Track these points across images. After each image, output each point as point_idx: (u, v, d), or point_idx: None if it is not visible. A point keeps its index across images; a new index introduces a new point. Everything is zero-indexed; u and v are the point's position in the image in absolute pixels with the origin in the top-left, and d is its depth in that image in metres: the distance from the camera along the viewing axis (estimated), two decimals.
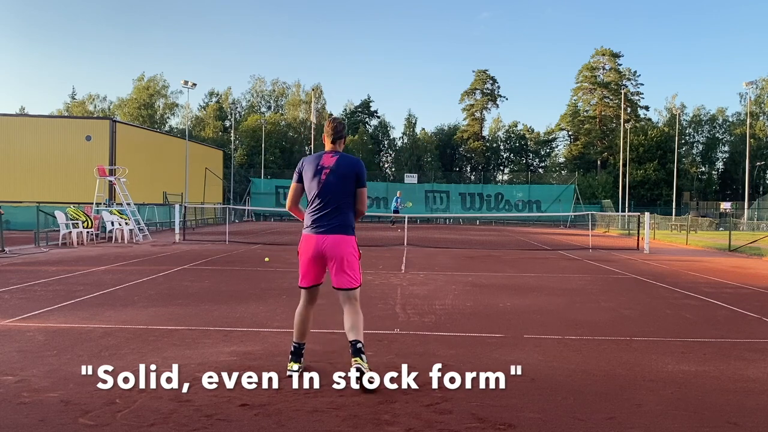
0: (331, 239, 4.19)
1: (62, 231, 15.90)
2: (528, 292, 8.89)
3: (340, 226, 4.22)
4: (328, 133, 4.40)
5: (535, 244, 21.20)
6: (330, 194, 4.22)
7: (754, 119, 55.84)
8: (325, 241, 4.19)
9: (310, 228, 4.27)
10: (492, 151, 65.88)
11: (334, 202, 4.22)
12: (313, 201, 4.27)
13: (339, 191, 4.23)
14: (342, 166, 4.25)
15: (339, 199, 4.23)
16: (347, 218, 4.27)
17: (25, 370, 4.27)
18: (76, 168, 28.07)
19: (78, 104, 67.03)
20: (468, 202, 46.55)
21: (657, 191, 54.20)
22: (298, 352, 4.37)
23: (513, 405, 3.76)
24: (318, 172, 4.25)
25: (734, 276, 11.66)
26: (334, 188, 4.22)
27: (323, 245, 4.20)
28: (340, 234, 4.21)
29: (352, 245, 4.25)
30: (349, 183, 4.25)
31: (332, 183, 4.22)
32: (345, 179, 4.24)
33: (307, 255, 4.26)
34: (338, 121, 4.43)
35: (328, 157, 4.30)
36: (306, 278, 4.32)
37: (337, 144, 4.39)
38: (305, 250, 4.27)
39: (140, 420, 3.36)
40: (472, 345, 5.39)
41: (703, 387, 4.26)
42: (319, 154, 4.36)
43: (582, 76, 64.36)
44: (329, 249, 4.19)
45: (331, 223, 4.21)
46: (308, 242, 4.26)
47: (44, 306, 6.85)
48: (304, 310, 4.39)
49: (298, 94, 66.55)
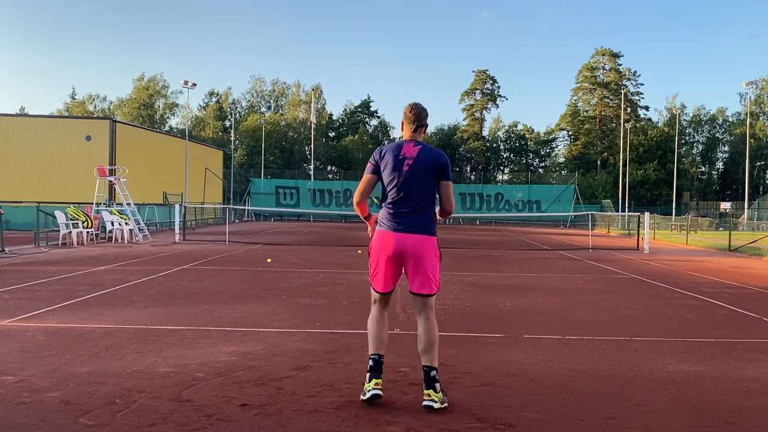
0: (412, 239, 3.73)
1: (62, 231, 15.90)
2: (528, 292, 8.89)
3: (421, 224, 3.75)
4: (409, 120, 3.91)
5: (535, 244, 21.20)
6: (412, 188, 3.76)
7: (754, 119, 55.84)
8: (405, 240, 3.73)
9: (387, 224, 3.79)
10: (492, 151, 65.92)
11: (415, 197, 3.76)
12: (393, 195, 3.79)
13: (421, 185, 3.76)
14: (425, 158, 3.78)
15: (421, 194, 3.77)
16: (429, 216, 3.81)
17: (25, 370, 4.27)
18: (76, 168, 28.08)
19: (78, 104, 67.07)
20: (468, 202, 46.57)
21: (657, 191, 54.23)
22: (377, 367, 3.73)
23: (513, 405, 3.75)
24: (399, 162, 3.78)
25: (734, 276, 11.66)
26: (416, 182, 3.76)
27: (403, 245, 3.73)
28: (422, 234, 3.75)
29: (433, 246, 3.80)
30: (433, 176, 3.78)
31: (415, 176, 3.75)
32: (428, 172, 3.78)
33: (384, 254, 3.77)
34: (421, 107, 3.94)
35: (409, 146, 3.83)
36: (381, 280, 3.82)
37: (418, 133, 3.93)
38: (382, 249, 3.78)
39: (140, 420, 3.36)
40: (472, 345, 5.39)
41: (703, 387, 4.26)
42: (399, 142, 3.89)
43: (582, 76, 64.42)
44: (409, 250, 3.73)
45: (411, 221, 3.75)
46: (386, 240, 3.77)
47: (44, 306, 6.85)
48: (380, 315, 3.85)
49: (298, 94, 66.61)
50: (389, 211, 3.80)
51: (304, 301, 7.63)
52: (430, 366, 3.68)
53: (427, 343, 3.71)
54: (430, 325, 3.74)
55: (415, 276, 3.75)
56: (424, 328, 3.74)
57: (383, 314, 3.86)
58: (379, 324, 3.82)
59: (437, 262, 3.80)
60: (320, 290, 8.58)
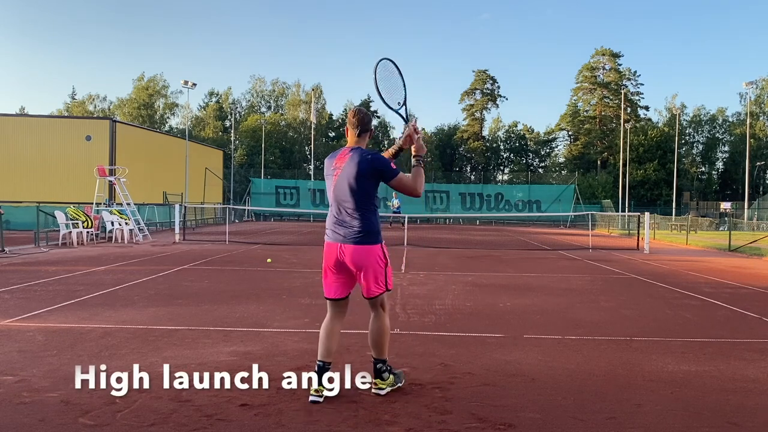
0: (352, 250, 3.75)
1: (62, 231, 15.90)
2: (528, 292, 8.89)
3: (360, 233, 3.74)
4: (351, 125, 3.85)
5: (535, 244, 21.20)
6: (345, 196, 3.74)
7: (754, 119, 55.83)
8: (346, 252, 3.76)
9: (330, 234, 3.85)
10: (492, 151, 65.88)
11: (350, 205, 3.74)
12: (331, 204, 3.85)
13: (355, 193, 3.72)
14: (354, 164, 3.71)
15: (356, 202, 3.73)
16: (369, 224, 3.76)
17: (25, 370, 4.27)
18: (76, 168, 28.06)
19: (78, 104, 67.06)
20: (468, 202, 46.56)
21: (657, 191, 54.21)
22: (320, 372, 3.77)
23: (513, 405, 3.76)
24: (331, 172, 3.81)
25: (734, 276, 11.66)
26: (347, 190, 3.73)
27: (344, 257, 3.77)
28: (362, 244, 3.74)
29: (376, 254, 3.78)
30: (368, 182, 3.73)
31: (344, 184, 3.73)
32: (358, 179, 3.70)
33: (328, 263, 3.85)
34: (363, 112, 3.87)
35: (342, 154, 3.81)
36: (329, 288, 3.91)
37: (362, 138, 3.86)
38: (326, 257, 3.86)
39: (140, 420, 3.36)
40: (472, 345, 5.39)
41: (703, 387, 4.26)
42: (337, 151, 3.88)
43: (582, 76, 64.39)
44: (351, 261, 3.76)
45: (351, 230, 3.75)
46: (329, 250, 3.85)
47: (44, 306, 6.84)
48: (329, 324, 3.90)
49: (298, 94, 66.58)
50: (329, 220, 3.87)
51: (304, 301, 7.62)
52: (377, 359, 3.88)
53: (374, 338, 3.90)
54: (379, 323, 3.89)
55: (363, 283, 3.83)
56: (373, 324, 3.91)
57: (335, 322, 3.90)
58: (328, 331, 3.87)
59: (382, 267, 3.81)
60: (320, 290, 8.49)
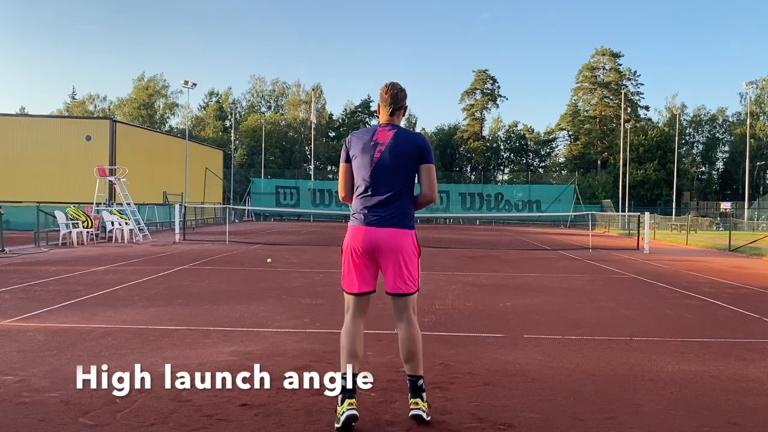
0: (386, 233, 3.35)
1: (62, 231, 15.90)
2: (528, 292, 8.89)
3: (396, 216, 3.37)
4: (385, 102, 3.52)
5: (535, 244, 21.20)
6: (385, 176, 3.37)
7: (754, 119, 55.82)
8: (378, 235, 3.35)
9: (358, 218, 3.42)
10: (492, 151, 65.87)
11: (389, 187, 3.37)
12: (363, 184, 3.42)
13: (396, 173, 3.38)
14: (400, 142, 3.40)
15: (395, 183, 3.38)
16: (405, 207, 3.41)
17: (25, 370, 4.27)
18: (76, 168, 28.07)
19: (78, 104, 67.07)
20: (468, 202, 46.59)
21: (657, 191, 54.21)
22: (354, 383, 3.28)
23: (513, 405, 3.75)
24: (371, 149, 3.40)
25: (734, 276, 11.66)
26: (389, 169, 3.37)
27: (375, 240, 3.35)
28: (397, 227, 3.36)
29: (411, 240, 3.41)
30: (410, 163, 3.39)
31: (388, 162, 3.37)
32: (404, 158, 3.38)
33: (355, 252, 3.40)
34: (398, 87, 3.54)
35: (383, 131, 3.45)
36: (352, 281, 3.43)
37: (396, 116, 3.54)
38: (352, 246, 3.41)
39: (140, 420, 3.36)
40: (472, 345, 5.39)
41: (703, 387, 4.25)
42: (372, 127, 3.52)
43: (582, 76, 64.40)
44: (383, 245, 3.35)
45: (385, 214, 3.37)
46: (356, 236, 3.40)
47: (44, 306, 6.84)
48: (352, 325, 3.41)
49: (298, 94, 66.60)
50: (360, 203, 3.42)
51: (304, 301, 7.62)
52: (416, 375, 3.38)
53: (411, 350, 3.36)
54: (413, 330, 3.38)
55: (390, 274, 3.37)
56: (405, 333, 3.38)
57: (358, 322, 3.42)
58: (352, 335, 3.37)
59: (415, 258, 3.42)
60: (320, 290, 8.58)
